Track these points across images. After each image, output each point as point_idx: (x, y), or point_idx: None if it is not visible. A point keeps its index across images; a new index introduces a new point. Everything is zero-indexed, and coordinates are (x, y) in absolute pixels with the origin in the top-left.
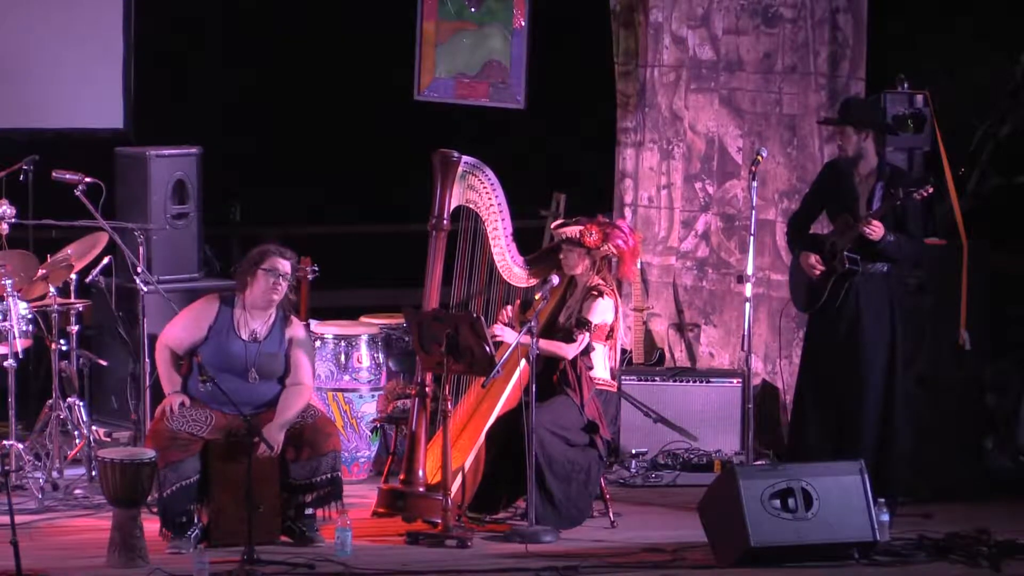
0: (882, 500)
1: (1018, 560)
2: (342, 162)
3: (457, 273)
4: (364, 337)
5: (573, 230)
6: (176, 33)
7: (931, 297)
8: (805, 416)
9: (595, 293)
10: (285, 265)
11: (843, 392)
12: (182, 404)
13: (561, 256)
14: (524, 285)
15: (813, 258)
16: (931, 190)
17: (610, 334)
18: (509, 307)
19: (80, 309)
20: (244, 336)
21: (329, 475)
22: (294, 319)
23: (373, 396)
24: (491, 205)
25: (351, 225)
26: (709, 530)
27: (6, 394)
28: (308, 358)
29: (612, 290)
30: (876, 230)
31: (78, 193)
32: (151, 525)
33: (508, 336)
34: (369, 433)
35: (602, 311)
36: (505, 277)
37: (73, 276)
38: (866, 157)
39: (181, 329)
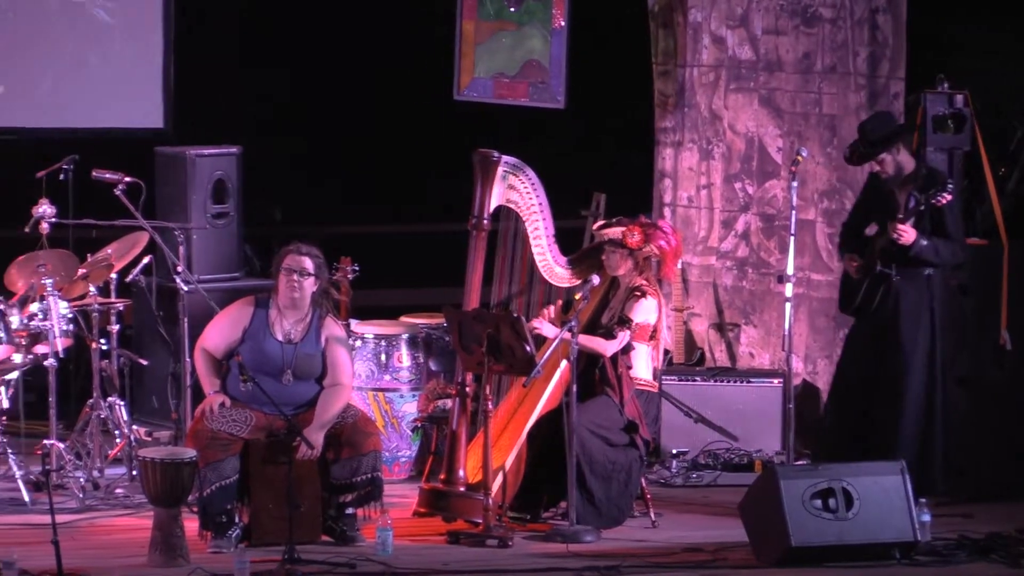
0: (923, 500)
1: None
2: (383, 162)
3: (498, 273)
4: (404, 337)
5: (615, 231)
6: (216, 32)
7: (972, 298)
8: (833, 415)
9: (638, 293)
10: (303, 261)
11: (880, 393)
12: (222, 404)
13: (603, 257)
14: (566, 285)
15: (851, 259)
16: (949, 197)
17: (653, 334)
18: (551, 306)
19: (120, 308)
20: (279, 337)
21: (369, 475)
22: (330, 319)
23: (414, 396)
24: (532, 205)
25: (392, 225)
26: (750, 530)
27: (47, 393)
28: (346, 358)
29: (655, 290)
30: (905, 234)
31: (118, 192)
32: (192, 524)
33: (547, 329)
34: (410, 433)
35: (645, 311)
36: (546, 277)
37: (113, 275)
38: (905, 165)
39: (217, 333)
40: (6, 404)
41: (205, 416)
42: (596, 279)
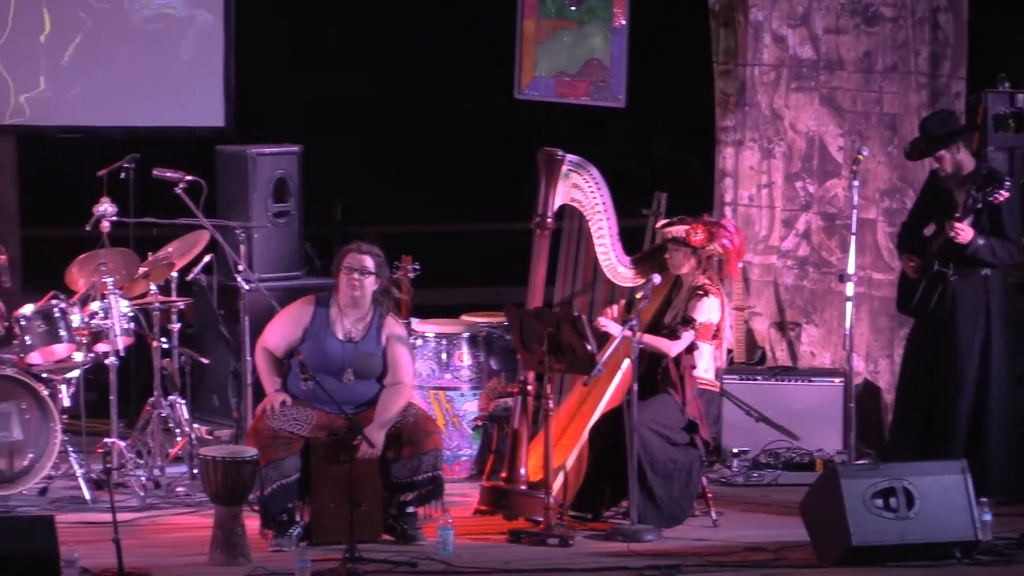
0: (984, 500)
1: None
2: (444, 160)
3: (561, 272)
4: (465, 335)
5: (679, 230)
6: (278, 31)
7: None
8: (897, 416)
9: (701, 292)
10: (363, 260)
11: (939, 393)
12: (283, 403)
13: (667, 256)
14: (629, 285)
15: (909, 258)
16: (1006, 194)
17: (716, 333)
18: (615, 306)
19: (181, 307)
20: (340, 336)
21: (430, 474)
22: (391, 318)
23: (474, 394)
24: (596, 204)
25: (453, 223)
26: (811, 529)
27: (108, 392)
28: (407, 357)
29: (718, 289)
30: (962, 233)
31: (179, 191)
32: (253, 523)
33: (612, 328)
34: (471, 431)
35: (707, 310)
36: (610, 276)
37: (174, 274)
38: (964, 164)
39: (278, 332)
40: (67, 402)
41: (266, 415)
42: (657, 278)
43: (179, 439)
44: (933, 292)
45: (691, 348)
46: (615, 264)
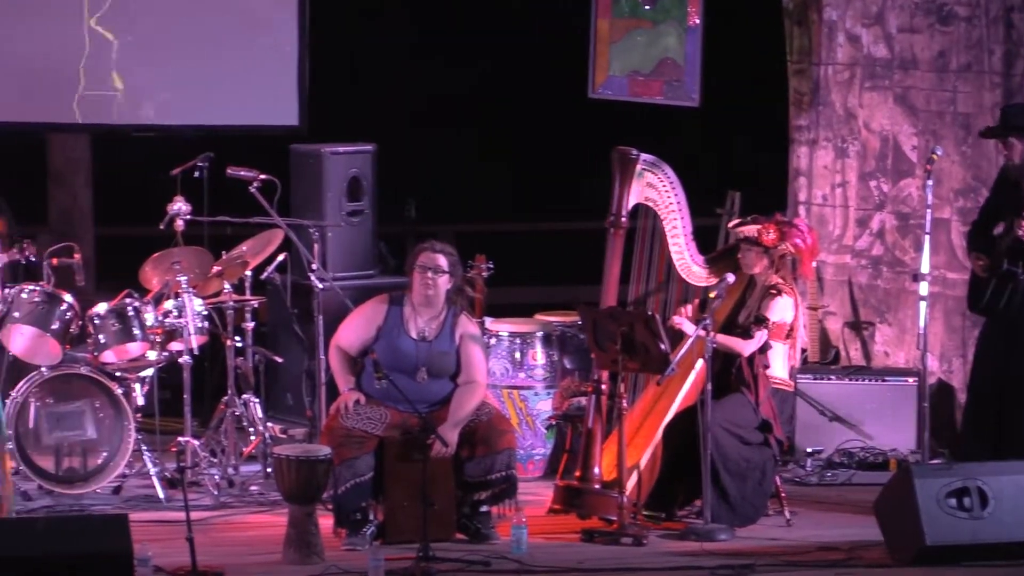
0: None
1: None
2: (517, 159)
3: (635, 271)
4: (539, 335)
5: (751, 229)
6: (351, 29)
7: None
8: (969, 415)
9: (774, 292)
10: (437, 259)
11: (1010, 392)
12: (357, 402)
13: (739, 256)
14: (703, 284)
15: (978, 257)
16: None
17: (789, 333)
18: (689, 305)
19: (255, 306)
20: (413, 335)
21: (504, 473)
22: (465, 316)
23: (548, 393)
24: (670, 203)
25: (527, 222)
26: (884, 529)
27: (182, 390)
28: (481, 356)
29: (791, 288)
30: None
31: (253, 190)
32: (326, 522)
33: (687, 327)
34: (544, 431)
35: (781, 309)
36: (684, 276)
37: (248, 273)
38: None
39: (352, 331)
40: (141, 401)
41: (340, 414)
42: (731, 277)
43: (253, 438)
44: (1003, 291)
45: (764, 347)
46: (689, 263)
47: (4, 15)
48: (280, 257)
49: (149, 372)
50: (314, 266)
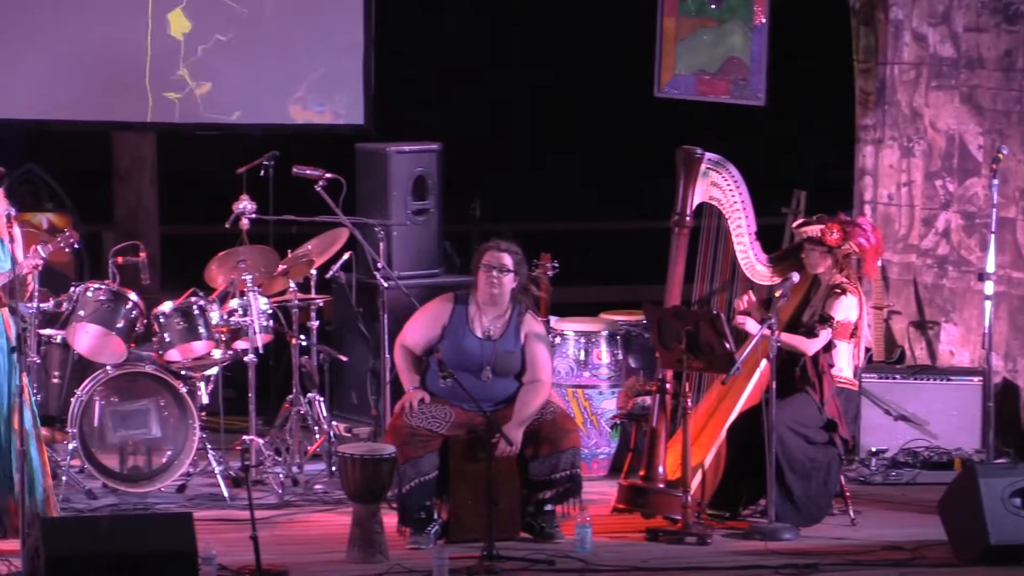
0: None
1: None
2: (582, 158)
3: (699, 270)
4: (604, 334)
5: (814, 229)
6: (416, 29)
7: None
8: None
9: (838, 291)
10: (502, 258)
11: None
12: (422, 400)
13: (803, 255)
14: (767, 283)
15: None
16: None
17: (854, 332)
18: (750, 292)
19: (320, 304)
20: (479, 334)
21: (569, 472)
22: (530, 315)
23: (613, 393)
24: (734, 202)
25: (591, 221)
26: (949, 528)
27: (246, 389)
28: (546, 354)
29: (856, 288)
30: None
31: (318, 189)
32: (391, 521)
33: (750, 325)
34: (609, 430)
35: (845, 309)
36: (748, 275)
37: (313, 272)
38: None
39: (417, 330)
40: (206, 400)
41: (404, 412)
42: (796, 276)
43: (317, 436)
44: None
45: (829, 346)
46: (753, 262)
47: (72, 13)
48: (345, 256)
49: (214, 371)
50: (379, 265)
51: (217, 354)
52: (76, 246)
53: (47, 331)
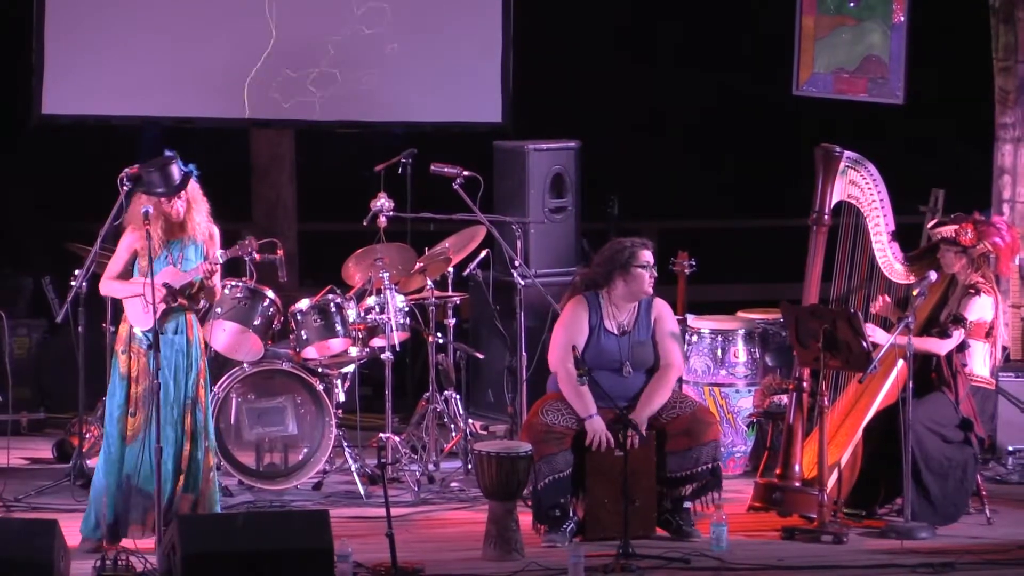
0: None
1: None
2: (719, 156)
3: (837, 269)
4: (741, 332)
5: (948, 230)
6: (553, 28)
7: None
8: None
9: (972, 291)
10: (650, 255)
11: None
12: (558, 399)
13: (939, 255)
14: (904, 282)
15: None
16: None
17: (990, 331)
18: (884, 295)
19: (457, 302)
20: (615, 331)
21: (710, 464)
22: (656, 301)
23: (749, 391)
24: (873, 201)
25: (728, 219)
26: None
27: (383, 387)
28: (676, 339)
29: (992, 287)
30: None
31: (456, 186)
32: (526, 518)
33: (879, 336)
34: (745, 428)
35: (979, 308)
36: (886, 274)
37: (451, 269)
38: None
39: (569, 341)
40: (342, 397)
41: (596, 447)
42: (934, 276)
43: (454, 434)
44: None
45: (962, 346)
46: (891, 261)
47: (211, 13)
48: (483, 254)
49: (350, 368)
50: (517, 263)
51: (354, 351)
52: (255, 255)
53: None
